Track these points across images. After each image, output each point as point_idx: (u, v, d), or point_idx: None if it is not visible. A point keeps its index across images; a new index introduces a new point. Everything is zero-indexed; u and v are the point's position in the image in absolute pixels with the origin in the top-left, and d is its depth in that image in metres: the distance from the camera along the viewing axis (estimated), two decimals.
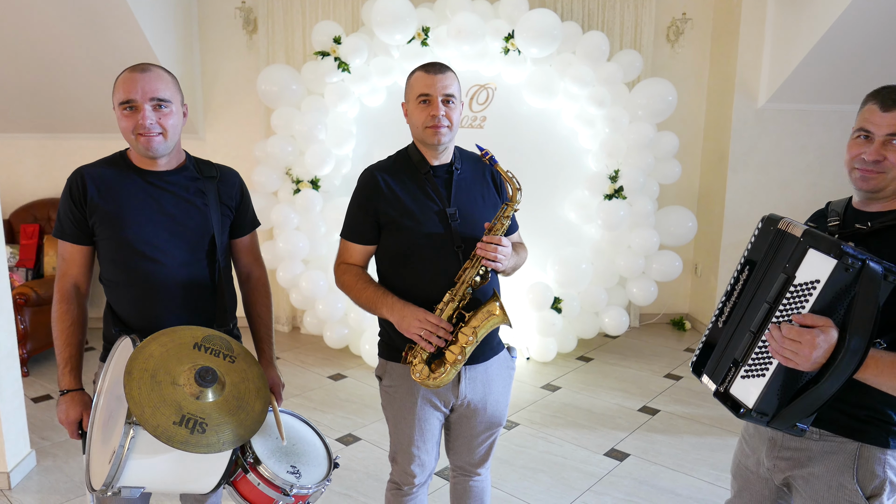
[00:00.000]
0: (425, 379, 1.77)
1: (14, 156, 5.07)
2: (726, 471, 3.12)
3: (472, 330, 1.76)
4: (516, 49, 4.27)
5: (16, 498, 2.85)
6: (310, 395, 3.99)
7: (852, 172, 1.49)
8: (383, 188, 1.82)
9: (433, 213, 1.82)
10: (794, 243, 1.39)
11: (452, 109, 1.81)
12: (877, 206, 1.49)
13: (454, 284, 1.78)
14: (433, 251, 1.81)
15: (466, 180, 1.91)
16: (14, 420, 2.97)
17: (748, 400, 1.43)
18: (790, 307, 1.37)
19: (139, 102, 1.64)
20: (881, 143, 1.42)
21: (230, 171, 1.89)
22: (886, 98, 1.42)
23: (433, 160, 1.87)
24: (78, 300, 1.78)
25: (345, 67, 4.31)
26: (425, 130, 1.80)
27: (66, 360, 1.75)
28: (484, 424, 1.97)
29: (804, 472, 1.52)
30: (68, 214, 1.73)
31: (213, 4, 4.93)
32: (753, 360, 1.43)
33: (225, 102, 5.05)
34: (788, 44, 4.45)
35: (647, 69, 4.89)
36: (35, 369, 4.33)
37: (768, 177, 4.94)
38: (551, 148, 4.67)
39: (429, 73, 1.79)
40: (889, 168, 1.42)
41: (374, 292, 1.82)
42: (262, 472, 1.57)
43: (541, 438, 3.45)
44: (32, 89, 4.58)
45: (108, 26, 4.06)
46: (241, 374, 1.61)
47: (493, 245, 1.73)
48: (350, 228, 1.89)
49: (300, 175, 4.46)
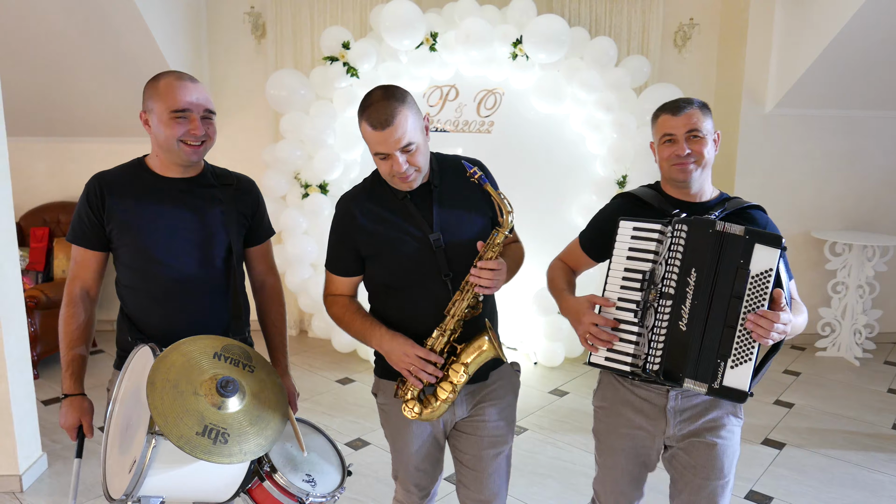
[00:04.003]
0: (417, 416, 1.70)
1: (24, 159, 5.10)
2: (736, 477, 3.09)
3: (464, 366, 1.67)
4: (524, 54, 4.28)
5: (28, 500, 2.86)
6: (319, 399, 4.00)
7: (670, 170, 1.75)
8: (360, 220, 1.72)
9: (415, 241, 1.70)
10: (740, 242, 1.58)
11: (416, 153, 1.62)
12: (684, 194, 1.79)
13: (444, 318, 1.68)
14: (419, 281, 1.71)
15: (448, 194, 1.75)
16: (26, 423, 2.98)
17: (743, 385, 1.59)
18: (754, 297, 1.58)
19: (193, 113, 1.66)
20: (684, 139, 1.71)
21: (247, 179, 1.91)
22: (673, 107, 1.74)
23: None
24: (86, 305, 1.79)
25: (353, 72, 4.33)
26: (393, 179, 1.67)
27: (69, 363, 1.76)
28: (489, 441, 1.83)
29: (705, 422, 1.76)
30: (84, 220, 1.74)
31: (221, 9, 4.95)
32: (737, 350, 1.59)
33: (234, 107, 5.07)
34: (796, 49, 4.46)
35: (654, 74, 4.90)
36: (45, 372, 4.35)
37: (775, 182, 4.94)
38: (559, 153, 4.68)
39: (375, 129, 1.58)
40: (697, 156, 1.71)
41: (363, 323, 1.75)
42: (279, 481, 1.58)
43: (549, 444, 3.45)
44: (42, 93, 4.60)
45: (119, 31, 4.08)
46: (261, 383, 1.62)
47: (487, 271, 1.62)
48: (332, 261, 1.81)
49: (309, 179, 4.48)
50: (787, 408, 3.98)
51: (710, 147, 1.73)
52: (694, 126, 1.71)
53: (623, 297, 1.69)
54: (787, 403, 4.04)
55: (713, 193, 1.83)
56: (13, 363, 2.88)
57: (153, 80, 1.70)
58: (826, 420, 3.82)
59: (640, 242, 1.69)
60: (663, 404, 1.76)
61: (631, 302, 1.68)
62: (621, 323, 1.68)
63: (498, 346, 1.69)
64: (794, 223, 5.02)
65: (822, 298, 5.06)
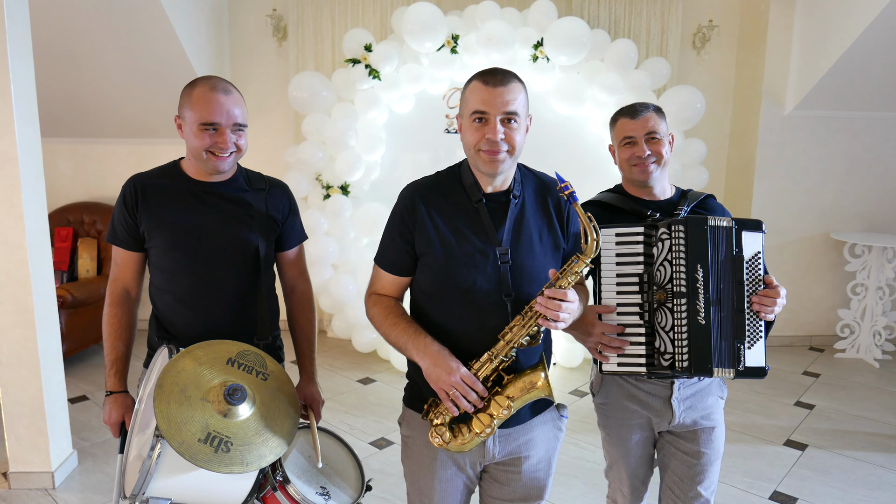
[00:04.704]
0: (444, 445, 1.51)
1: (48, 160, 5.13)
2: (760, 478, 3.14)
3: (508, 401, 1.48)
4: (545, 56, 4.30)
5: (60, 497, 2.91)
6: (340, 399, 4.04)
7: (631, 171, 1.85)
8: (423, 214, 1.55)
9: (479, 253, 1.53)
10: (728, 232, 1.70)
11: (514, 130, 1.49)
12: (647, 193, 1.88)
13: (496, 342, 1.49)
14: (475, 297, 1.53)
15: (526, 212, 1.59)
16: (58, 421, 3.03)
17: (760, 362, 1.71)
18: (752, 279, 1.71)
19: (223, 127, 1.67)
20: (644, 141, 1.81)
21: (280, 183, 1.90)
22: (631, 111, 1.84)
23: (487, 187, 1.57)
24: (128, 305, 1.83)
25: (375, 75, 4.36)
26: (479, 154, 1.50)
27: (113, 362, 1.79)
28: (519, 493, 1.66)
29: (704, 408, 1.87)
30: (122, 221, 1.77)
31: (244, 12, 5.00)
32: (749, 331, 1.70)
33: (255, 109, 5.11)
34: (817, 50, 4.45)
35: (673, 76, 4.90)
36: (71, 371, 4.41)
37: (795, 184, 4.94)
38: (578, 154, 4.69)
39: (487, 84, 1.48)
40: (657, 156, 1.81)
41: (406, 329, 1.55)
42: (290, 492, 1.55)
43: (572, 444, 3.47)
44: (67, 94, 4.67)
45: (145, 33, 4.13)
46: (272, 393, 1.58)
47: (556, 302, 1.42)
48: (384, 255, 1.63)
49: (330, 181, 4.52)
50: (807, 409, 3.98)
51: (666, 148, 1.84)
52: (652, 129, 1.81)
53: (623, 301, 1.75)
54: (808, 405, 4.04)
55: (672, 190, 1.93)
56: (46, 362, 2.94)
57: (189, 86, 1.70)
58: (848, 421, 3.82)
59: (625, 247, 1.76)
60: (668, 395, 1.84)
61: (632, 305, 1.74)
62: (627, 327, 1.74)
63: (549, 387, 1.52)
64: (813, 225, 5.01)
65: (841, 300, 5.05)
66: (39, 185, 2.95)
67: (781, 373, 4.59)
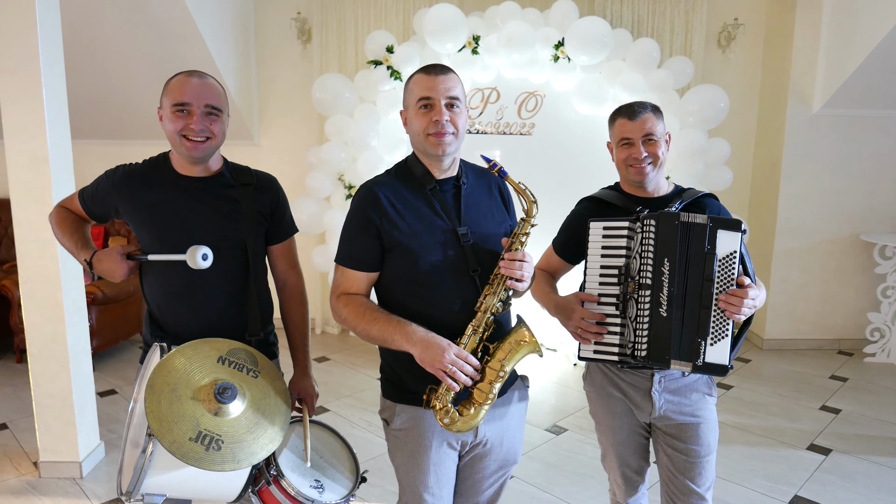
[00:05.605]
0: (452, 424, 1.57)
1: (79, 161, 5.24)
2: (780, 482, 3.09)
3: (500, 363, 1.57)
4: (566, 56, 4.30)
5: (87, 487, 3.00)
6: (361, 396, 4.08)
7: (627, 171, 1.87)
8: (385, 205, 1.61)
9: (442, 234, 1.62)
10: (704, 230, 1.70)
11: (457, 114, 1.61)
12: (642, 191, 1.91)
13: (474, 314, 1.59)
14: (446, 277, 1.62)
15: (475, 195, 1.72)
16: (86, 412, 3.13)
17: (723, 359, 1.71)
18: (723, 278, 1.70)
19: (193, 107, 1.65)
20: (641, 142, 1.83)
21: (267, 177, 1.87)
22: (629, 111, 1.85)
23: (438, 173, 1.67)
24: (69, 213, 1.89)
25: (397, 76, 4.40)
26: (427, 138, 1.60)
27: (76, 242, 1.83)
28: (497, 463, 1.78)
29: (686, 403, 1.89)
30: (97, 189, 1.82)
31: (269, 15, 5.09)
32: (714, 328, 1.71)
33: (280, 110, 5.20)
34: (845, 48, 4.37)
35: (697, 75, 4.85)
36: (100, 366, 4.54)
37: (823, 184, 4.85)
38: (600, 154, 4.62)
39: (429, 74, 1.61)
40: (653, 157, 1.83)
41: (388, 321, 1.58)
42: (284, 486, 1.57)
43: (589, 444, 3.46)
44: (97, 97, 4.81)
45: (172, 37, 4.24)
46: (263, 390, 1.58)
47: (517, 262, 1.57)
48: (348, 253, 1.66)
49: (352, 181, 4.58)
50: (833, 413, 3.90)
51: (663, 148, 1.87)
52: (649, 130, 1.83)
53: (603, 292, 1.82)
54: (834, 409, 3.97)
55: (669, 188, 1.96)
56: (74, 356, 3.03)
57: (169, 78, 1.72)
58: (874, 426, 3.74)
59: (611, 240, 1.81)
60: (647, 388, 1.88)
61: (611, 296, 1.80)
62: (606, 316, 1.80)
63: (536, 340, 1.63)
64: (842, 226, 4.91)
65: (871, 303, 4.94)
66: (70, 184, 3.04)
67: (808, 376, 4.51)
